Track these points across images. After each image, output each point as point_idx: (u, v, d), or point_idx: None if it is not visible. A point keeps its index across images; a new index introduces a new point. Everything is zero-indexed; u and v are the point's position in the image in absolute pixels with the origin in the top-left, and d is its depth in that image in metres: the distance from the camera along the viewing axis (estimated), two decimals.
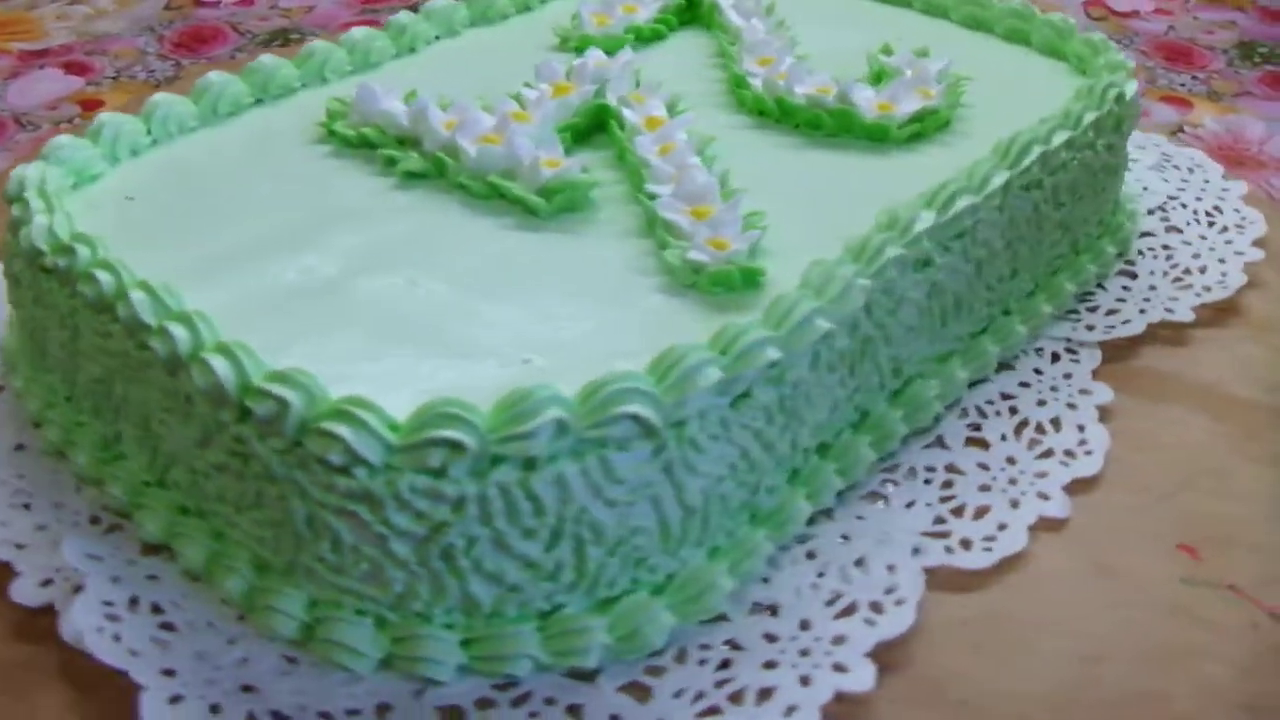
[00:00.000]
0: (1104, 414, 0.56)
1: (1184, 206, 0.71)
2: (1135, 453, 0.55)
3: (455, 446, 0.39)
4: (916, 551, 0.48)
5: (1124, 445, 0.55)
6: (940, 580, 0.48)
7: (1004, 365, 0.59)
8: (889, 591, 0.46)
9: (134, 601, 0.44)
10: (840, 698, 0.42)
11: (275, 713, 0.41)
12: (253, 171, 0.56)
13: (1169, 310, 0.63)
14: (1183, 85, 0.88)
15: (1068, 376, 0.58)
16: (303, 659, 0.43)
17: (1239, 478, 0.54)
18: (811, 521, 0.49)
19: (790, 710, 0.41)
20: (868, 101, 0.60)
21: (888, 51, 0.65)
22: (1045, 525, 0.51)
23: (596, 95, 0.59)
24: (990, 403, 0.57)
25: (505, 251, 0.51)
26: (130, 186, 0.55)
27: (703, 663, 0.43)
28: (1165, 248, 0.68)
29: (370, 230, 0.52)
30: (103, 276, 0.46)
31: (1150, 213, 0.71)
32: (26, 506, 0.48)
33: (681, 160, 0.54)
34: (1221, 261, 0.67)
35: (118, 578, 0.45)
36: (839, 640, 0.44)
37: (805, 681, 0.42)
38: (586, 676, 0.42)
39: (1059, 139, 0.58)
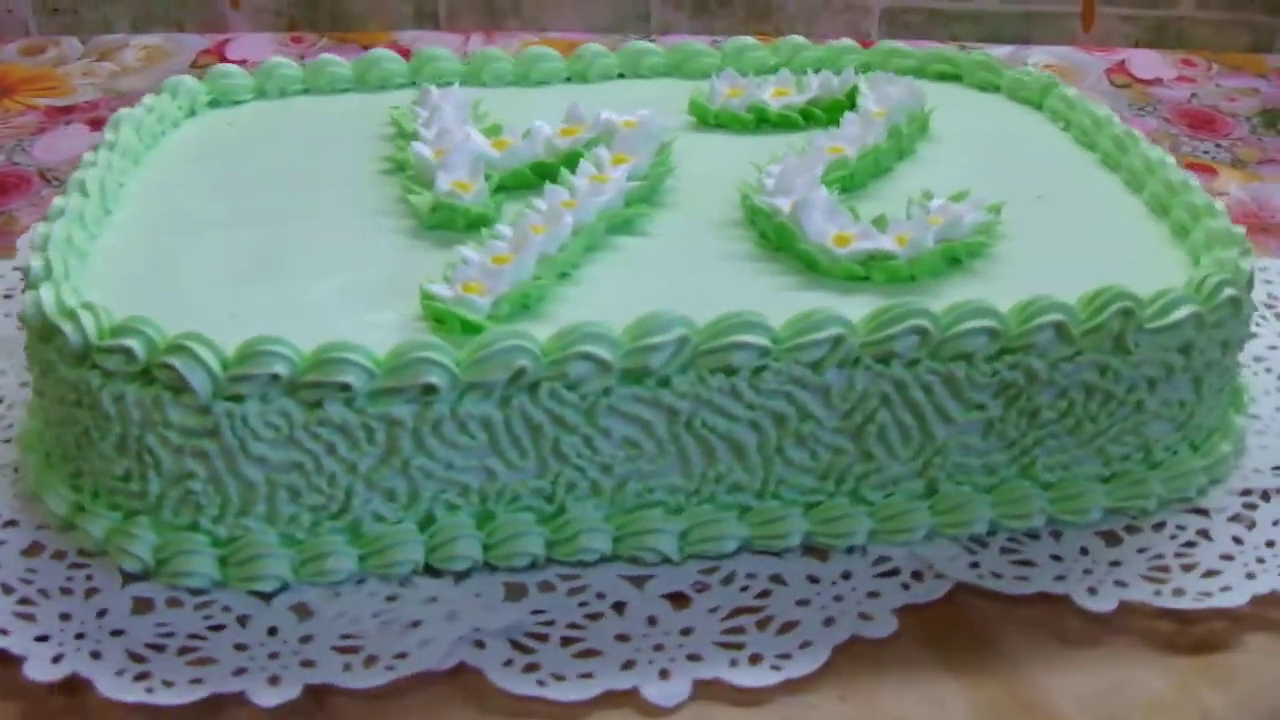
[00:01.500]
0: (854, 648, 0.47)
1: None
2: (832, 700, 0.45)
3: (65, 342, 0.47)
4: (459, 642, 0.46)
5: (832, 684, 0.46)
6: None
7: (817, 551, 0.51)
8: (390, 658, 0.45)
9: None
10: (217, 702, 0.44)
11: None
12: (323, 132, 0.66)
13: (1091, 591, 0.49)
14: (1206, 153, 0.87)
15: (873, 595, 0.49)
16: None
17: None
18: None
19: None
20: (824, 227, 0.55)
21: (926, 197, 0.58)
22: (633, 704, 0.45)
23: (588, 145, 0.61)
24: (752, 576, 0.50)
25: (365, 242, 0.56)
26: (252, 118, 0.69)
27: (200, 608, 0.47)
28: (1204, 533, 0.52)
29: (312, 194, 0.60)
30: (86, 161, 0.60)
31: (1265, 498, 0.54)
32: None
33: (558, 216, 0.55)
34: (1250, 576, 0.50)
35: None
36: (304, 664, 0.45)
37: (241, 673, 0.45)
38: (134, 577, 0.49)
39: (965, 327, 0.48)
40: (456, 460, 0.48)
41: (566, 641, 0.47)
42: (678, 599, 0.49)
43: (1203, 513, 0.53)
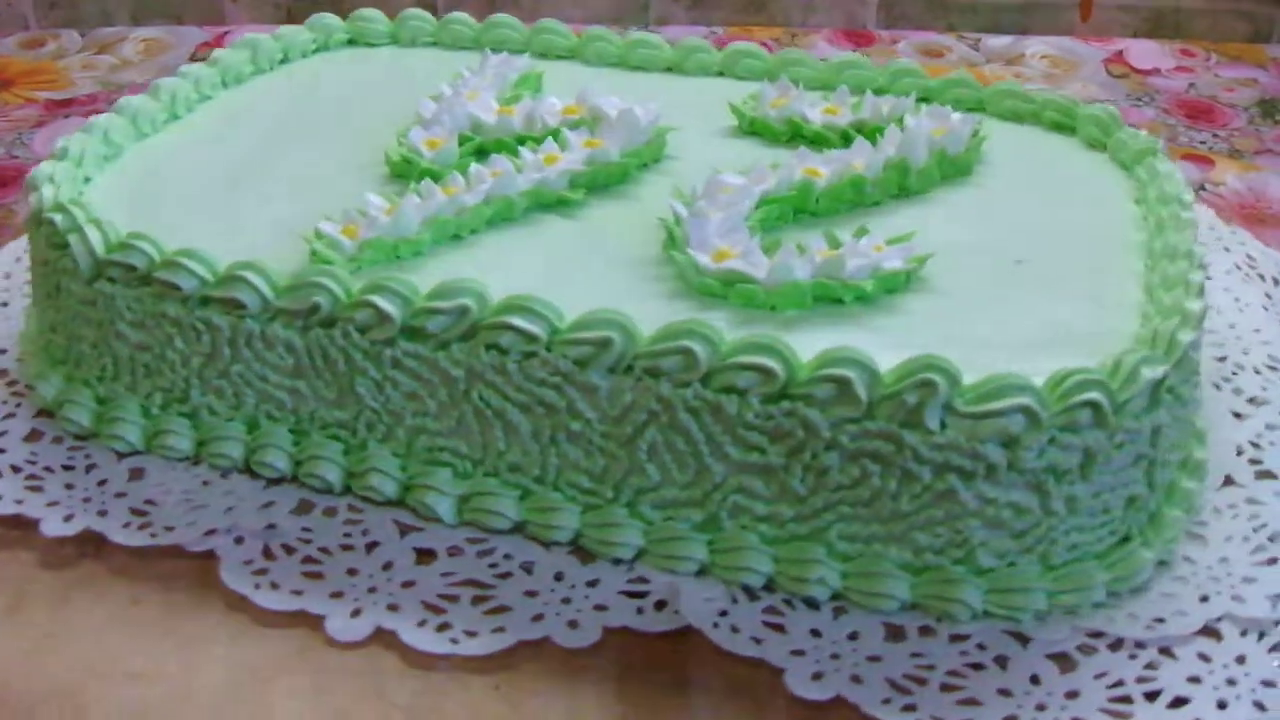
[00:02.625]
0: (548, 650, 0.47)
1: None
2: (486, 686, 0.45)
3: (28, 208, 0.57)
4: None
5: (498, 673, 0.46)
6: None
7: (589, 554, 0.50)
8: (160, 528, 0.51)
9: None
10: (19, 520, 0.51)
11: None
12: (411, 81, 0.71)
13: (815, 677, 0.45)
14: (1204, 143, 0.86)
15: (600, 608, 0.48)
16: None
17: None
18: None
19: None
20: (710, 241, 0.53)
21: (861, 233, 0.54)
22: (318, 631, 0.48)
23: (575, 126, 0.62)
24: (509, 557, 0.50)
25: (335, 181, 0.60)
26: (374, 60, 0.76)
27: (72, 450, 0.56)
28: (1001, 660, 0.46)
29: (333, 133, 0.65)
30: (182, 70, 0.70)
31: (1115, 648, 0.46)
32: None
33: (478, 185, 0.57)
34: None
35: None
36: (100, 514, 0.52)
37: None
38: (46, 413, 0.58)
39: (738, 360, 0.46)
40: (270, 376, 0.53)
41: (307, 560, 0.50)
42: (426, 554, 0.51)
43: (1022, 640, 0.46)
